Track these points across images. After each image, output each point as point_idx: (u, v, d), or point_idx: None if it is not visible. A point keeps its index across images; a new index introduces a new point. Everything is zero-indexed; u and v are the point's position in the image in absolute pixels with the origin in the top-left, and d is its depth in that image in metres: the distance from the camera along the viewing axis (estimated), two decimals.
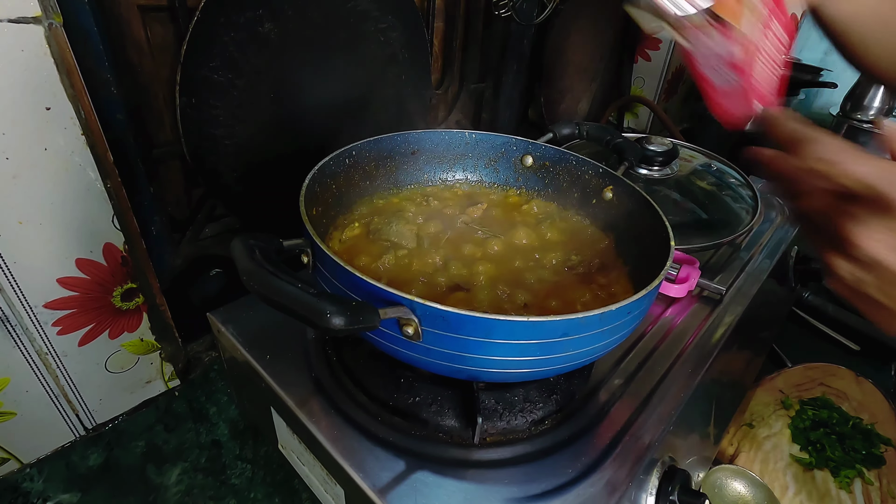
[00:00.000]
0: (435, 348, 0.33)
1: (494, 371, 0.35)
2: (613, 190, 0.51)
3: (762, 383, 0.67)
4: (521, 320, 0.31)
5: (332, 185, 0.48)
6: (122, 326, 0.53)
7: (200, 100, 0.58)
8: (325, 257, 0.34)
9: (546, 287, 0.45)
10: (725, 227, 0.68)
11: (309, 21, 0.65)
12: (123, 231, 0.49)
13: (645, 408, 0.45)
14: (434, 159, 0.58)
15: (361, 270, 0.32)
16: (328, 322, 0.26)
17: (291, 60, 0.66)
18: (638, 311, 0.36)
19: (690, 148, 0.83)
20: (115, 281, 0.51)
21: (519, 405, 0.42)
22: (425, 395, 0.41)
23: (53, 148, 0.42)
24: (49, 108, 0.40)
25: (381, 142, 0.53)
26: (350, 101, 0.76)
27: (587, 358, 0.37)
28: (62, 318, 0.48)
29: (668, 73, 1.32)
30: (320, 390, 0.44)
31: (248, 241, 0.30)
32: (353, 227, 0.48)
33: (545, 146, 0.55)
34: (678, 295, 0.57)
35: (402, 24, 0.77)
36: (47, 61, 0.39)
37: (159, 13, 0.60)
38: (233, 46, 0.59)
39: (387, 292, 0.31)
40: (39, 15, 0.38)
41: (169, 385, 0.61)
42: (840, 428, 0.59)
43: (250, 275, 0.28)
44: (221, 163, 0.64)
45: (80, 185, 0.44)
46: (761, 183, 0.84)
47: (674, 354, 0.51)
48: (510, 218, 0.55)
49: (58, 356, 0.49)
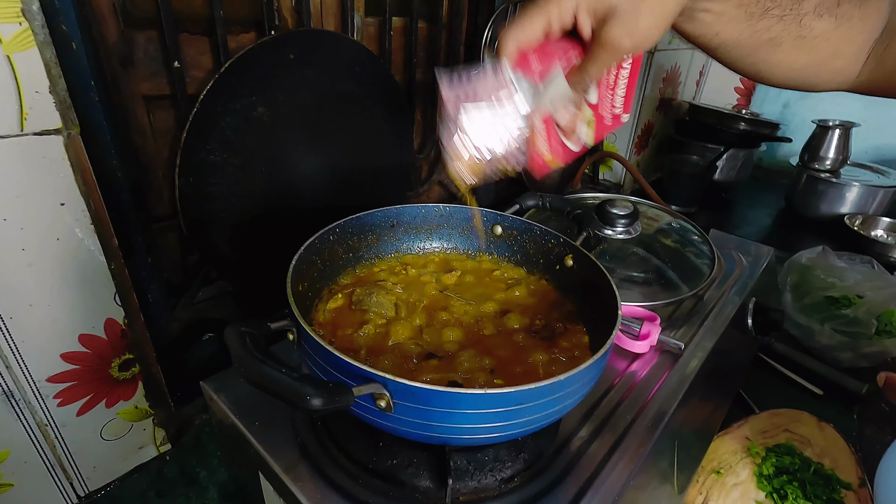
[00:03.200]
0: (406, 418, 0.37)
1: (462, 437, 0.38)
2: (573, 258, 0.56)
3: (730, 430, 0.71)
4: (481, 393, 0.35)
5: (317, 262, 0.53)
6: (119, 395, 0.57)
7: (198, 179, 0.64)
8: (307, 337, 0.38)
9: (512, 352, 0.49)
10: (688, 281, 0.74)
11: (299, 104, 0.72)
12: (124, 307, 0.53)
13: (608, 462, 0.49)
14: (412, 230, 0.63)
15: (340, 349, 0.37)
16: (308, 403, 0.30)
17: (283, 139, 0.73)
18: (588, 377, 0.40)
19: (655, 207, 0.90)
20: (114, 353, 0.54)
21: (489, 465, 0.45)
22: (402, 458, 0.45)
23: (65, 238, 0.46)
24: (63, 204, 0.45)
25: (362, 218, 0.58)
26: (338, 172, 0.82)
27: (547, 421, 0.41)
28: (63, 391, 0.51)
29: (637, 129, 1.41)
30: (306, 455, 0.47)
31: (239, 329, 0.34)
32: (337, 298, 0.53)
33: (512, 217, 0.61)
34: (641, 350, 0.61)
35: (386, 101, 0.84)
36: (65, 165, 0.44)
37: (162, 101, 0.66)
38: (229, 130, 0.65)
39: (362, 370, 0.35)
40: (60, 127, 0.43)
41: (161, 449, 0.63)
42: (802, 474, 0.63)
43: (241, 362, 0.32)
44: (216, 234, 0.69)
45: (88, 268, 0.49)
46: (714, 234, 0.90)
47: (636, 408, 0.55)
48: (482, 283, 0.60)
49: (57, 427, 0.52)
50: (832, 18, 0.42)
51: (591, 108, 0.45)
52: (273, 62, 0.66)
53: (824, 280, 0.92)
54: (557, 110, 0.43)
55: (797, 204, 1.42)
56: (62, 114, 0.43)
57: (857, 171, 1.42)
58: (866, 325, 0.83)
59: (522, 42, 0.39)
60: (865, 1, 0.42)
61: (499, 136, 0.41)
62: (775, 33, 0.42)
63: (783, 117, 1.73)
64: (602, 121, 0.46)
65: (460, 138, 0.40)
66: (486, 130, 0.41)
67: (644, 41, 0.38)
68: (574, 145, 0.46)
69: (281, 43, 0.67)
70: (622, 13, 0.37)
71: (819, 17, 0.42)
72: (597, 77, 0.41)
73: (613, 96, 0.45)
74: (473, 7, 1.00)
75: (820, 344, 0.86)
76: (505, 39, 0.39)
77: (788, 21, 0.42)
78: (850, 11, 0.42)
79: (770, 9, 0.41)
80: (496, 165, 0.43)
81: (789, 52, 0.44)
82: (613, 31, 0.37)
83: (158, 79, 0.63)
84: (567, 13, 0.38)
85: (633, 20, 0.37)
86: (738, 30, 0.42)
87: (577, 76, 0.41)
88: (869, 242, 1.19)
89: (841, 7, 0.42)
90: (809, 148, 1.38)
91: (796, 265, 0.96)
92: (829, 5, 0.42)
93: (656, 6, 0.37)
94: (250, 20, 0.70)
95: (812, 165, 1.37)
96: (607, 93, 0.45)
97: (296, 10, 0.73)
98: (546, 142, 0.44)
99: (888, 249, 1.17)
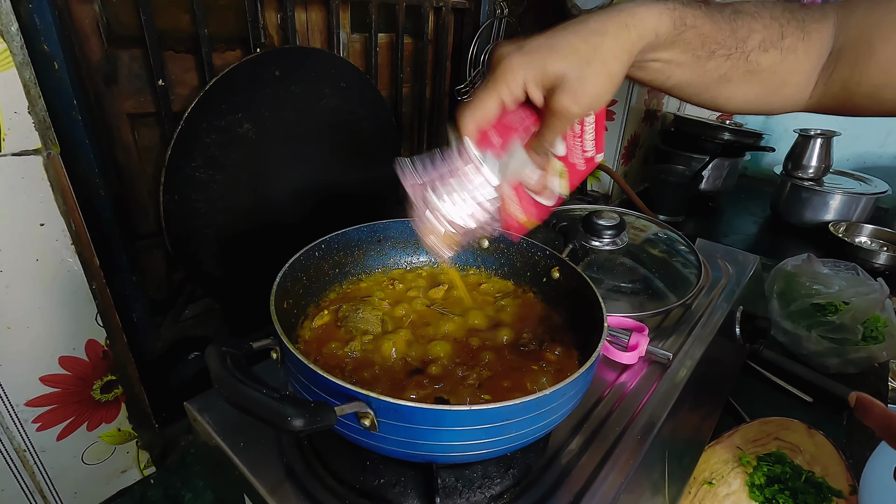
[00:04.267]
0: (391, 437, 0.36)
1: (448, 454, 0.38)
2: (560, 270, 0.56)
3: (721, 440, 0.70)
4: (466, 409, 0.35)
5: (302, 278, 0.52)
6: (101, 418, 0.55)
7: (183, 196, 0.64)
8: (290, 355, 0.38)
9: (500, 366, 0.49)
10: (675, 291, 0.74)
11: (284, 119, 0.73)
12: (106, 327, 0.52)
13: (598, 475, 0.48)
14: (399, 244, 0.63)
15: (325, 366, 0.36)
16: (289, 424, 0.30)
17: (269, 155, 0.73)
18: (575, 390, 0.40)
19: (643, 217, 0.91)
20: (95, 375, 0.53)
21: (478, 481, 0.44)
22: (389, 477, 0.44)
23: (45, 258, 0.46)
24: (43, 224, 0.45)
25: (348, 233, 0.58)
26: (325, 187, 0.82)
27: (535, 435, 0.41)
28: (42, 415, 0.50)
29: (624, 141, 1.43)
30: (291, 476, 0.46)
31: (220, 348, 0.34)
32: (323, 314, 0.52)
33: (499, 231, 0.61)
34: (629, 362, 0.61)
35: (372, 114, 0.85)
36: (44, 185, 0.44)
37: (147, 118, 0.66)
38: (214, 147, 0.65)
39: (344, 388, 0.35)
40: (39, 147, 0.43)
41: (144, 473, 0.62)
42: (793, 483, 0.62)
43: (221, 382, 0.32)
44: (201, 250, 0.68)
45: (68, 288, 0.48)
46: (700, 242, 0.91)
47: (626, 420, 0.55)
48: (471, 297, 0.59)
49: (35, 452, 0.51)
50: (777, 52, 0.44)
51: (560, 161, 0.46)
52: (258, 79, 0.67)
53: (810, 287, 0.93)
54: (524, 177, 0.44)
55: (782, 212, 1.44)
56: (41, 134, 0.43)
57: (840, 178, 1.44)
58: (852, 331, 0.84)
59: (480, 121, 0.41)
60: (808, 33, 0.44)
61: (470, 210, 0.43)
62: (724, 71, 0.44)
63: (766, 127, 1.76)
64: (574, 168, 0.47)
65: (432, 216, 0.42)
66: (457, 206, 0.42)
67: (592, 105, 0.39)
68: (547, 200, 0.47)
69: (266, 60, 0.67)
70: (568, 81, 0.38)
71: (765, 52, 0.44)
72: (553, 141, 0.42)
73: (583, 142, 0.46)
74: (459, 23, 1.01)
75: (807, 350, 0.86)
76: (463, 120, 0.41)
77: (735, 59, 0.43)
78: (794, 44, 0.44)
79: (716, 50, 0.43)
80: (471, 235, 0.44)
81: (740, 86, 0.45)
82: (561, 99, 0.38)
83: (143, 97, 0.63)
84: (517, 88, 0.39)
85: (579, 87, 0.38)
86: (689, 72, 0.44)
87: (535, 142, 0.43)
88: (853, 249, 1.21)
89: (785, 40, 0.44)
90: (792, 157, 1.40)
91: (782, 272, 0.97)
92: (774, 40, 0.43)
93: (601, 71, 0.38)
94: (235, 38, 0.70)
95: (795, 174, 1.39)
96: (575, 142, 0.46)
97: (281, 28, 0.74)
98: (518, 206, 0.46)
99: (872, 256, 1.19)
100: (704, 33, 0.42)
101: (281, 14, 0.72)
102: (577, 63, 0.38)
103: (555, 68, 0.38)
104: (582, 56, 0.38)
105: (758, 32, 0.43)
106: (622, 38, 0.39)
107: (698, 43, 0.42)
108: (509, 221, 0.47)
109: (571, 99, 0.38)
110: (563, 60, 0.38)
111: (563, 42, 0.38)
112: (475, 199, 0.43)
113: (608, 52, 0.38)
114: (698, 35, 0.42)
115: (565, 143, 0.46)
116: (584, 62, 0.38)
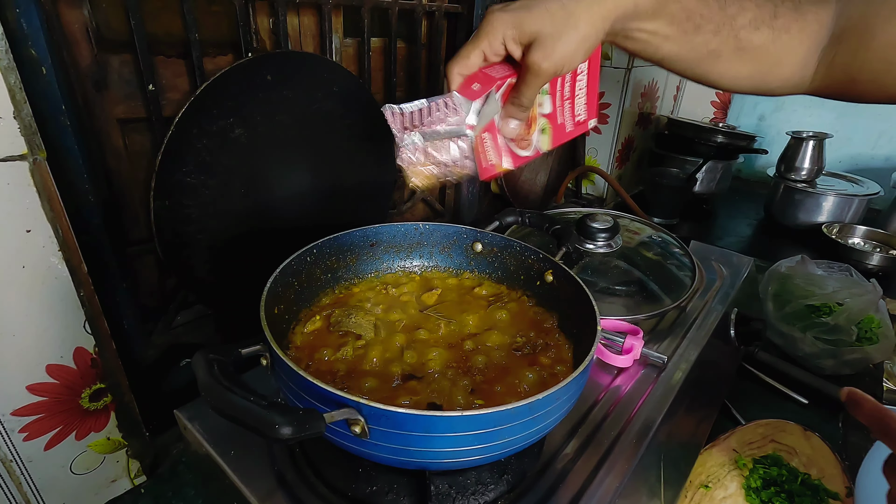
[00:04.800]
0: (383, 444, 0.36)
1: (441, 461, 0.37)
2: (553, 273, 0.56)
3: (717, 443, 0.70)
4: (457, 415, 0.34)
5: (294, 283, 0.52)
6: (89, 427, 0.55)
7: (174, 202, 0.63)
8: (279, 361, 0.37)
9: (493, 370, 0.48)
10: (670, 293, 0.74)
11: (277, 123, 0.72)
12: (94, 335, 0.52)
13: (594, 479, 0.48)
14: (392, 249, 0.63)
15: (316, 372, 0.36)
16: (277, 433, 0.29)
17: (261, 159, 0.72)
18: (569, 394, 0.40)
19: (637, 220, 0.91)
20: (84, 383, 0.52)
21: (472, 488, 0.44)
22: (382, 484, 0.43)
23: (31, 265, 0.45)
24: (29, 231, 0.44)
25: (340, 238, 0.57)
26: (318, 192, 0.82)
27: (529, 440, 0.40)
28: (29, 424, 0.49)
29: (618, 144, 1.43)
30: (283, 484, 0.45)
31: (207, 355, 0.34)
32: (315, 320, 0.52)
33: (492, 234, 0.61)
34: (624, 365, 0.61)
35: (366, 120, 0.85)
36: (30, 191, 0.43)
37: (137, 124, 0.65)
38: (205, 152, 0.65)
39: (334, 394, 0.34)
40: (26, 153, 0.42)
41: (135, 482, 0.61)
42: (789, 485, 0.62)
43: (207, 390, 0.31)
44: (194, 256, 0.68)
45: (55, 296, 0.48)
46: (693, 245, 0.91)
47: (621, 423, 0.54)
48: (463, 301, 0.59)
49: (22, 462, 0.50)
50: (769, 31, 0.44)
51: (545, 118, 0.50)
52: (250, 84, 0.66)
53: (804, 288, 0.93)
54: (501, 124, 0.48)
55: (776, 214, 1.45)
56: (27, 139, 0.42)
57: (833, 180, 1.45)
58: (847, 332, 0.84)
59: (463, 69, 0.45)
60: (804, 14, 0.45)
61: (447, 148, 0.47)
62: (714, 46, 0.45)
63: (759, 129, 1.77)
64: (560, 128, 0.51)
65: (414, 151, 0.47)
66: (436, 145, 0.47)
67: (563, 64, 0.43)
68: (526, 151, 0.51)
69: (258, 64, 0.67)
70: (541, 39, 0.42)
71: (756, 30, 0.44)
72: (530, 95, 0.45)
73: (573, 105, 0.50)
74: (452, 27, 1.01)
75: (802, 352, 0.86)
76: (449, 70, 0.45)
77: (724, 35, 0.44)
78: (787, 24, 0.44)
79: (702, 25, 0.44)
80: (448, 172, 0.48)
81: (732, 63, 0.46)
82: (534, 55, 0.42)
83: (133, 102, 0.63)
84: (497, 43, 0.43)
85: (551, 45, 0.42)
86: (677, 45, 0.45)
87: (513, 94, 0.46)
88: (846, 250, 1.21)
89: (778, 20, 0.44)
90: (785, 159, 1.41)
91: (776, 274, 0.97)
92: (766, 18, 0.44)
93: (573, 33, 0.42)
94: (227, 42, 0.70)
95: (788, 176, 1.40)
96: (564, 103, 0.50)
97: (273, 33, 0.73)
98: (494, 150, 0.50)
99: (865, 257, 1.19)
100: (689, 7, 0.43)
101: (273, 18, 0.72)
102: (552, 23, 0.41)
103: (530, 27, 0.42)
104: (557, 18, 0.41)
105: (749, 11, 0.44)
106: (596, 4, 0.42)
107: (683, 16, 0.44)
108: (482, 163, 0.50)
109: (542, 55, 0.42)
110: (539, 20, 0.41)
111: (542, 5, 0.42)
112: (452, 138, 0.46)
113: (582, 15, 0.42)
114: (683, 9, 0.43)
115: (552, 102, 0.50)
116: (558, 23, 0.41)
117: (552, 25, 0.41)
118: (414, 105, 0.46)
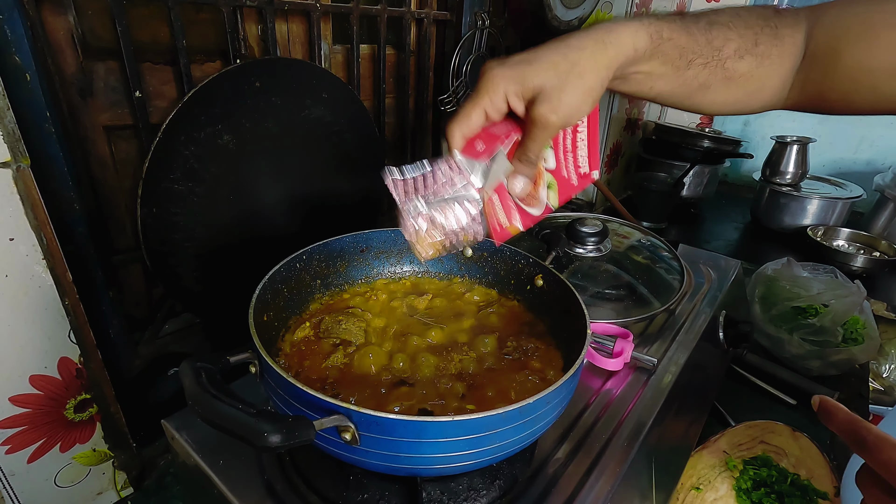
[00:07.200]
0: (373, 450, 0.35)
1: (432, 467, 0.37)
2: (543, 278, 0.56)
3: (707, 444, 0.71)
4: (447, 420, 0.34)
5: (283, 290, 0.52)
6: (74, 438, 0.54)
7: (161, 209, 0.62)
8: (268, 368, 0.37)
9: (484, 375, 0.48)
10: (659, 297, 0.74)
11: (265, 130, 0.72)
12: (79, 344, 0.51)
13: (585, 483, 0.48)
14: (382, 254, 0.62)
15: (306, 380, 0.36)
16: (265, 441, 0.29)
17: (249, 167, 0.72)
18: (559, 398, 0.40)
19: (626, 224, 0.91)
20: (68, 394, 0.52)
21: (463, 493, 0.44)
22: (373, 492, 0.43)
23: (14, 274, 0.44)
24: (12, 239, 0.44)
25: (330, 244, 0.57)
26: (307, 198, 0.82)
27: (520, 445, 0.40)
28: (12, 437, 0.48)
29: (606, 150, 1.45)
30: (272, 493, 0.45)
31: (195, 364, 0.33)
32: (304, 327, 0.52)
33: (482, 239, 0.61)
34: (615, 368, 0.61)
35: (354, 125, 0.85)
36: (14, 199, 0.43)
37: (124, 131, 0.65)
38: (193, 159, 0.64)
39: (324, 401, 0.34)
40: (9, 160, 0.42)
41: (121, 494, 0.60)
42: (779, 486, 0.63)
43: (194, 399, 0.31)
44: (181, 265, 0.67)
45: (39, 305, 0.47)
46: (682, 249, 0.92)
47: (612, 426, 0.54)
48: (454, 306, 0.59)
49: (5, 476, 0.49)
50: (753, 58, 0.46)
51: (550, 174, 0.48)
52: (239, 91, 0.66)
53: (790, 290, 0.94)
54: (508, 184, 0.46)
55: (762, 217, 1.47)
56: (10, 147, 0.42)
57: (817, 184, 1.48)
58: (833, 333, 0.85)
59: (465, 130, 0.43)
60: (781, 39, 0.46)
61: (454, 213, 0.45)
62: (703, 79, 0.46)
63: (744, 134, 1.80)
64: (566, 182, 0.49)
65: (417, 219, 0.44)
66: (443, 210, 0.44)
67: (570, 115, 0.41)
68: (535, 210, 0.48)
69: (247, 71, 0.67)
70: (546, 92, 0.40)
71: (740, 59, 0.46)
72: (537, 150, 0.44)
73: (575, 158, 0.48)
74: (441, 34, 1.02)
75: (789, 353, 0.87)
76: (449, 129, 0.43)
77: (713, 67, 0.45)
78: (768, 50, 0.46)
79: (693, 60, 0.45)
80: (457, 239, 0.46)
81: (719, 93, 0.47)
82: (540, 109, 0.41)
83: (120, 109, 0.62)
84: (499, 99, 0.41)
85: (556, 98, 0.40)
86: (670, 82, 0.46)
87: (519, 150, 0.44)
88: (831, 252, 1.23)
89: (759, 47, 0.46)
90: (770, 163, 1.43)
91: (763, 277, 0.99)
92: (748, 46, 0.45)
93: (579, 84, 0.40)
94: (215, 49, 0.69)
95: (774, 180, 1.42)
96: (567, 156, 0.48)
97: (262, 39, 0.73)
98: (503, 211, 0.47)
99: (849, 258, 1.21)
100: (681, 45, 0.44)
101: (261, 25, 0.72)
102: (556, 75, 0.40)
103: (533, 80, 0.40)
104: (560, 70, 0.40)
105: (733, 41, 0.45)
106: (599, 53, 0.41)
107: (676, 54, 0.44)
108: (493, 226, 0.48)
109: (549, 108, 0.40)
110: (542, 73, 0.40)
111: (543, 57, 0.41)
112: (459, 203, 0.44)
113: (585, 66, 0.40)
114: (675, 47, 0.44)
115: (555, 157, 0.48)
116: (562, 75, 0.40)
117: (556, 77, 0.40)
118: (416, 169, 0.44)
